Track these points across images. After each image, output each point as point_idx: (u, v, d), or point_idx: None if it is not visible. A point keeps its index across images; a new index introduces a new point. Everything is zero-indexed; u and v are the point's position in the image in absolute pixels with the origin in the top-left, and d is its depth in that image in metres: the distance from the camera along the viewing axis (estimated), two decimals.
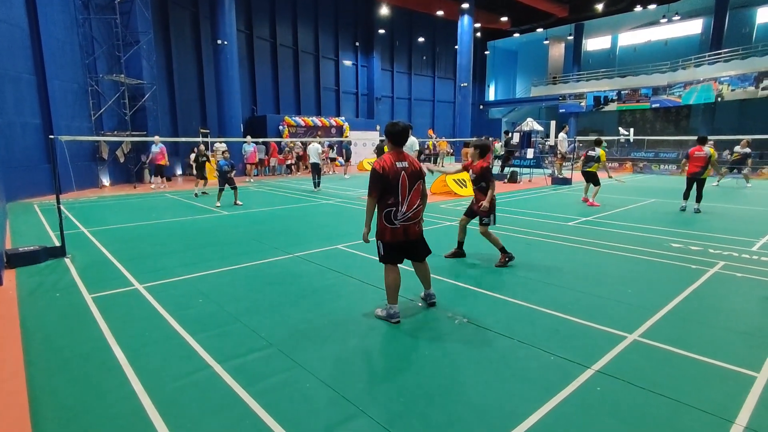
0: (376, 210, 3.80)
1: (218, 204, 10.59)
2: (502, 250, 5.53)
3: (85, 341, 3.50)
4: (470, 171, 5.60)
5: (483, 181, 5.49)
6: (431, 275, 4.28)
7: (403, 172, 3.70)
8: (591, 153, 10.47)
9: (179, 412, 2.57)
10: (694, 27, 31.30)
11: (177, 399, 2.70)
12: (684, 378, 2.95)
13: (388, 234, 3.77)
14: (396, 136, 3.77)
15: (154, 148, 13.95)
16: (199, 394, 2.75)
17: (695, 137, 9.87)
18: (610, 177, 11.48)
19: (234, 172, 10.95)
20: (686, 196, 9.71)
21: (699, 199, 9.50)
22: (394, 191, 3.69)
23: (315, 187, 14.01)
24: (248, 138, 16.71)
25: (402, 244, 3.84)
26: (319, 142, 15.77)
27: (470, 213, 5.76)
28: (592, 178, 10.49)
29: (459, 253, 5.94)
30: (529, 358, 3.24)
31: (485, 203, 5.40)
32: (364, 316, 4.00)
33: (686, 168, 9.59)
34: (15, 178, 10.93)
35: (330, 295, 4.51)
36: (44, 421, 2.51)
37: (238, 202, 10.84)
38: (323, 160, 19.40)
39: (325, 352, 3.32)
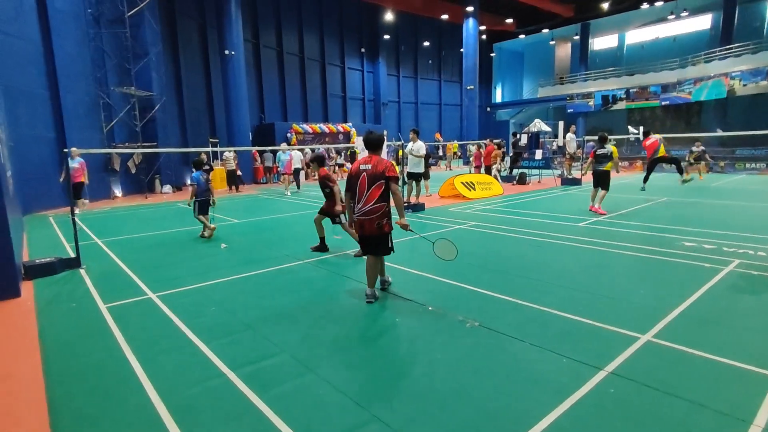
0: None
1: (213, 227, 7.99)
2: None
3: (101, 350, 3.56)
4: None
5: (326, 188, 6.46)
6: (441, 278, 4.26)
7: (364, 173, 4.23)
8: (601, 151, 9.37)
9: (194, 419, 2.60)
10: (703, 23, 30.97)
11: (192, 406, 2.73)
12: (699, 379, 2.91)
13: (356, 226, 4.39)
14: (366, 143, 4.44)
15: (72, 163, 10.78)
16: (213, 402, 2.78)
17: (707, 133, 9.91)
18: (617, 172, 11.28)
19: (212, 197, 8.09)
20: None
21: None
22: (353, 189, 4.30)
23: (298, 188, 15.87)
24: (283, 145, 16.19)
25: (362, 237, 4.43)
26: (301, 149, 16.27)
27: (323, 212, 6.57)
28: (603, 180, 9.35)
29: (322, 247, 6.61)
30: (541, 360, 3.22)
31: (338, 207, 6.36)
32: (376, 321, 4.01)
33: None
34: (30, 191, 11.12)
35: (342, 301, 4.53)
36: (63, 429, 2.56)
37: (211, 227, 7.91)
38: (330, 166, 19.51)
39: (337, 358, 3.33)
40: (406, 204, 10.42)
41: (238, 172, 16.78)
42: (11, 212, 5.21)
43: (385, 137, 7.50)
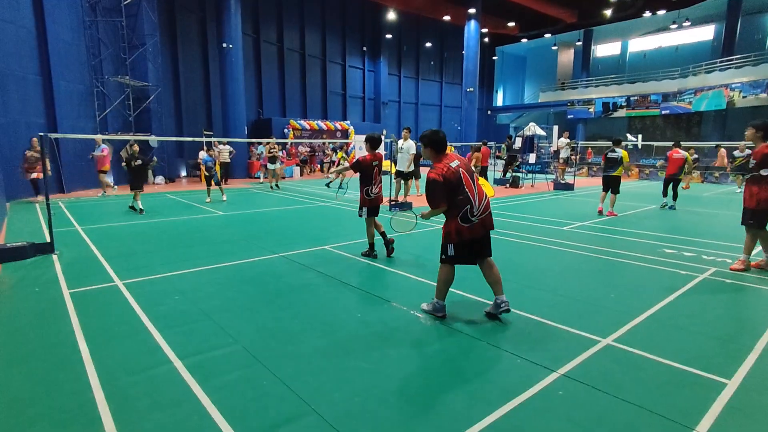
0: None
1: (209, 200, 11.41)
2: (371, 245, 5.99)
3: (53, 335, 3.51)
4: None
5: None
6: (410, 275, 4.22)
7: (461, 170, 3.80)
8: (612, 155, 9.43)
9: (129, 406, 2.55)
10: (705, 33, 30.91)
11: (130, 393, 2.68)
12: (652, 384, 2.86)
13: (477, 228, 4.01)
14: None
15: (96, 151, 12.41)
16: (152, 389, 2.72)
17: (707, 143, 9.83)
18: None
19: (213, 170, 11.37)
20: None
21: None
22: (462, 193, 3.82)
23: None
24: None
25: (479, 239, 4.11)
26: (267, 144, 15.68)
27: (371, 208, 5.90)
28: (613, 184, 9.54)
29: (370, 252, 6.00)
30: (494, 360, 3.17)
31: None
32: (334, 315, 3.96)
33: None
34: (18, 177, 11.07)
35: (306, 295, 4.48)
36: None
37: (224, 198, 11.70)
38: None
39: (289, 350, 3.28)
40: (393, 202, 10.36)
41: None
42: None
43: (384, 136, 7.58)
